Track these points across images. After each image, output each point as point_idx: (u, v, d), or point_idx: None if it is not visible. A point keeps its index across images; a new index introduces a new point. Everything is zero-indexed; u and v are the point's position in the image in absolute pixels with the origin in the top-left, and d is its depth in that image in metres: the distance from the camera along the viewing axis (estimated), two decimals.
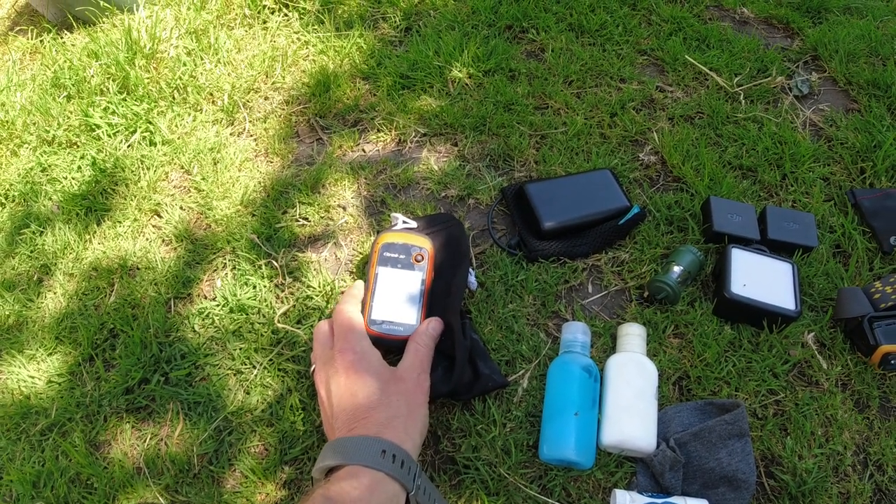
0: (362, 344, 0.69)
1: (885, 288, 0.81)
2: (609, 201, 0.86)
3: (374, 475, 0.56)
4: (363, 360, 0.67)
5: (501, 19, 1.16)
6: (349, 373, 0.65)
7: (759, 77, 1.08)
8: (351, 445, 0.59)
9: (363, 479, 0.56)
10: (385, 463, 0.57)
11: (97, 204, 1.00)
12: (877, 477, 0.71)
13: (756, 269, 0.81)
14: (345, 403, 0.64)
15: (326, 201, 0.94)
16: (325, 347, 0.70)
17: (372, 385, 0.64)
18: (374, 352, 0.68)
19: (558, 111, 1.03)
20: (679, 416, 0.71)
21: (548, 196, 0.85)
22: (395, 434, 0.60)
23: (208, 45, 1.20)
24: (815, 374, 0.77)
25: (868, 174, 0.95)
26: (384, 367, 0.67)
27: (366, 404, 0.63)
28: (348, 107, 1.06)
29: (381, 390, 0.64)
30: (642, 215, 0.86)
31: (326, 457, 0.59)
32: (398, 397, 0.64)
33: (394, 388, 0.65)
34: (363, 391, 0.64)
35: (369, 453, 0.57)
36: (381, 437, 0.59)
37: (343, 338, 0.69)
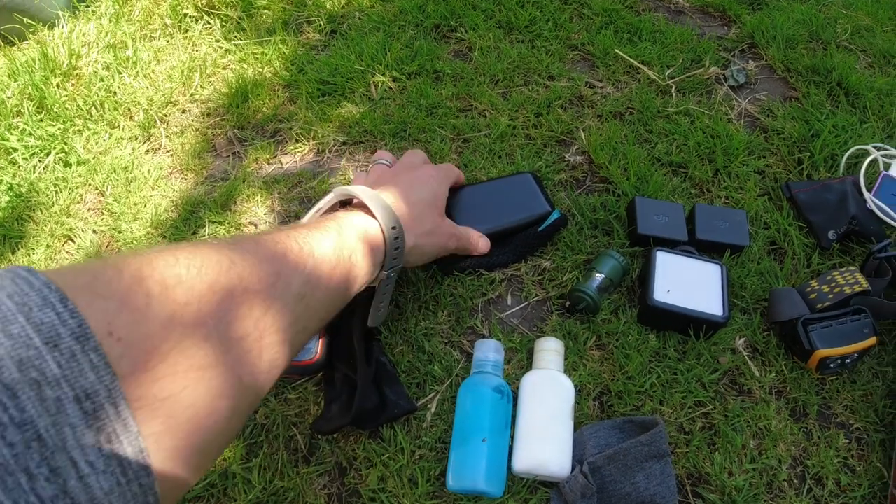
0: (447, 180, 0.74)
1: (821, 287, 0.77)
2: (529, 207, 0.81)
3: (378, 238, 0.59)
4: (441, 181, 0.72)
5: (429, 18, 1.12)
6: (423, 175, 0.70)
7: (693, 68, 1.03)
8: (377, 198, 0.60)
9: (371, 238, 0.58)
10: (391, 237, 0.59)
11: (12, 231, 0.95)
12: (816, 491, 0.67)
13: (682, 272, 0.76)
14: (398, 184, 0.67)
15: (238, 219, 0.89)
16: (417, 157, 0.76)
17: (427, 197, 0.68)
18: (446, 191, 0.73)
19: (483, 113, 0.98)
20: (595, 436, 0.66)
21: (465, 204, 0.80)
22: (408, 230, 0.63)
23: (126, 59, 1.15)
24: (747, 382, 0.73)
25: (805, 165, 0.91)
26: (443, 205, 0.71)
27: (411, 198, 0.66)
28: (267, 117, 1.01)
29: (429, 206, 0.68)
30: (563, 220, 0.81)
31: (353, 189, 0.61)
32: (433, 221, 0.68)
33: (436, 215, 0.69)
34: (419, 193, 0.67)
35: (386, 217, 0.59)
36: (398, 218, 0.61)
37: (443, 167, 0.76)
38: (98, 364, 0.29)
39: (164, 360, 0.32)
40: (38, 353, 0.27)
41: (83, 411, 0.28)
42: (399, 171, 0.70)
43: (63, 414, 0.27)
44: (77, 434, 0.27)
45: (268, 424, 0.71)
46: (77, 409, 0.28)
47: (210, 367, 0.35)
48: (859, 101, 1.01)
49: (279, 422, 0.71)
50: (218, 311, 0.37)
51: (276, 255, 0.46)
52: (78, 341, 0.28)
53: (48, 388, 0.27)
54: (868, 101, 1.00)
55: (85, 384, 0.28)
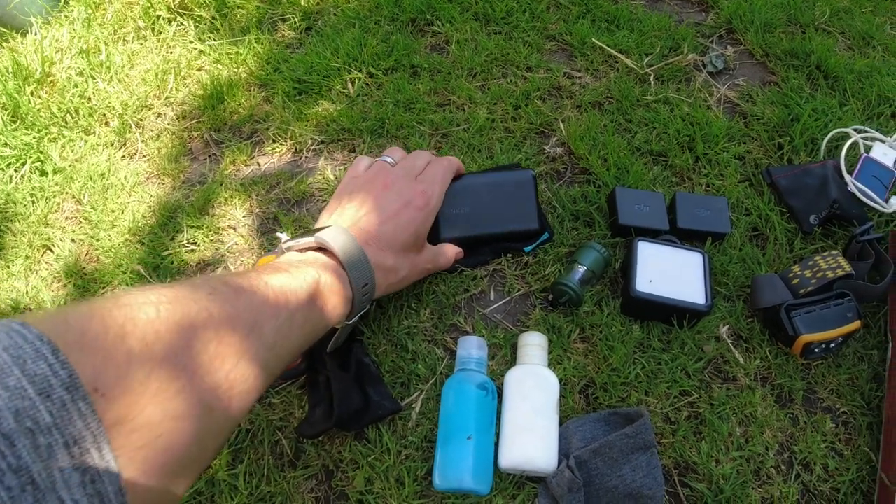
0: (440, 199, 0.72)
1: (803, 272, 0.77)
2: (520, 220, 0.78)
3: (347, 296, 0.60)
4: (428, 215, 0.70)
5: (405, 13, 1.11)
6: (412, 210, 0.68)
7: (672, 56, 1.03)
8: (358, 260, 0.60)
9: (343, 290, 0.59)
10: (359, 294, 0.61)
11: None
12: (804, 477, 0.67)
13: (664, 262, 0.76)
14: (383, 221, 0.66)
15: (216, 223, 0.88)
16: (421, 159, 0.74)
17: (409, 240, 0.67)
18: (434, 214, 0.71)
19: (461, 106, 0.97)
20: (581, 429, 0.66)
21: (455, 204, 0.78)
22: (381, 280, 0.64)
23: (100, 64, 1.13)
24: (732, 369, 0.73)
25: (786, 149, 0.91)
26: (425, 236, 0.71)
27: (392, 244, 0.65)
28: (243, 118, 1.00)
29: (409, 248, 0.68)
30: (549, 238, 0.80)
31: (333, 243, 0.60)
32: (409, 264, 0.68)
33: (413, 256, 0.69)
34: (402, 236, 0.66)
35: (361, 277, 0.60)
36: (373, 275, 0.62)
37: (439, 179, 0.73)
38: (86, 412, 0.32)
39: (142, 413, 0.35)
40: (33, 403, 0.30)
41: (70, 455, 0.31)
42: (388, 195, 0.68)
43: (53, 459, 0.30)
44: (65, 476, 0.31)
45: (252, 430, 0.70)
46: (66, 454, 0.31)
47: (184, 418, 0.38)
48: (839, 83, 1.00)
49: (264, 427, 0.70)
50: (192, 364, 0.40)
51: (254, 306, 0.48)
52: (68, 391, 0.31)
53: (41, 436, 0.30)
54: (847, 83, 1.00)
55: (73, 431, 0.31)
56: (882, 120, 0.97)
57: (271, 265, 0.56)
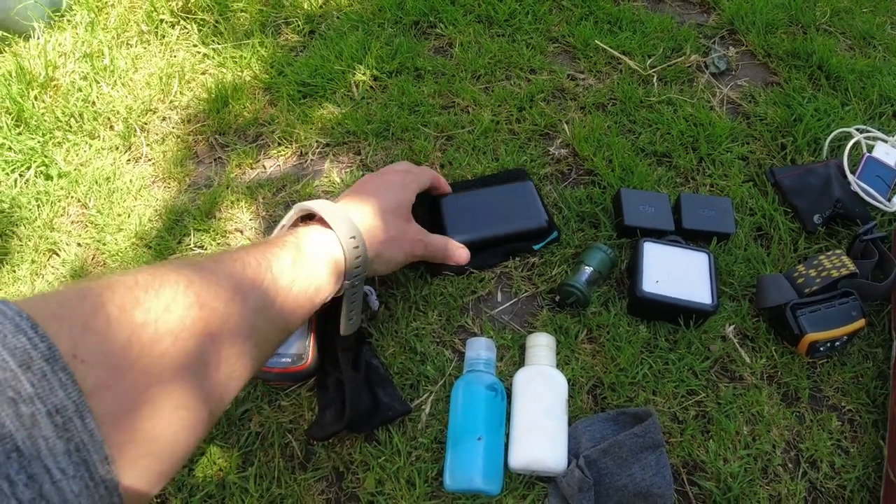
0: (414, 182, 0.73)
1: (808, 271, 0.78)
2: (526, 219, 0.80)
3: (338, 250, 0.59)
4: (403, 186, 0.71)
5: (408, 15, 1.11)
6: (387, 183, 0.69)
7: (674, 57, 1.03)
8: (335, 211, 0.61)
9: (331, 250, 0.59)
10: (350, 247, 0.60)
11: None
12: (811, 475, 0.68)
13: (670, 262, 0.76)
14: (364, 193, 0.67)
15: (223, 226, 0.88)
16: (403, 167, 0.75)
17: (390, 203, 0.67)
18: (413, 193, 0.72)
19: (466, 109, 0.97)
20: (590, 429, 0.67)
21: (461, 209, 0.80)
22: (370, 238, 0.63)
23: (104, 68, 1.13)
24: (739, 368, 0.73)
25: (789, 150, 0.91)
26: (409, 209, 0.70)
27: (372, 205, 0.66)
28: (248, 121, 1.00)
29: (392, 212, 0.67)
30: (558, 238, 0.81)
31: (312, 204, 0.61)
32: (396, 226, 0.67)
33: (401, 222, 0.68)
34: (381, 199, 0.67)
35: (344, 229, 0.60)
36: (359, 230, 0.61)
37: (414, 170, 0.75)
38: (66, 382, 0.32)
39: (125, 377, 0.36)
40: (14, 374, 0.31)
41: (54, 424, 0.31)
42: (368, 180, 0.71)
43: (37, 427, 0.31)
44: (49, 444, 0.31)
45: (263, 432, 0.71)
46: (49, 422, 0.31)
47: (168, 382, 0.39)
48: (840, 83, 1.01)
49: (274, 429, 0.70)
50: (175, 329, 0.40)
51: (234, 272, 0.48)
52: (48, 363, 0.32)
53: (23, 405, 0.31)
54: (849, 83, 1.01)
55: (55, 400, 0.32)
56: (884, 119, 0.98)
57: (254, 242, 0.58)
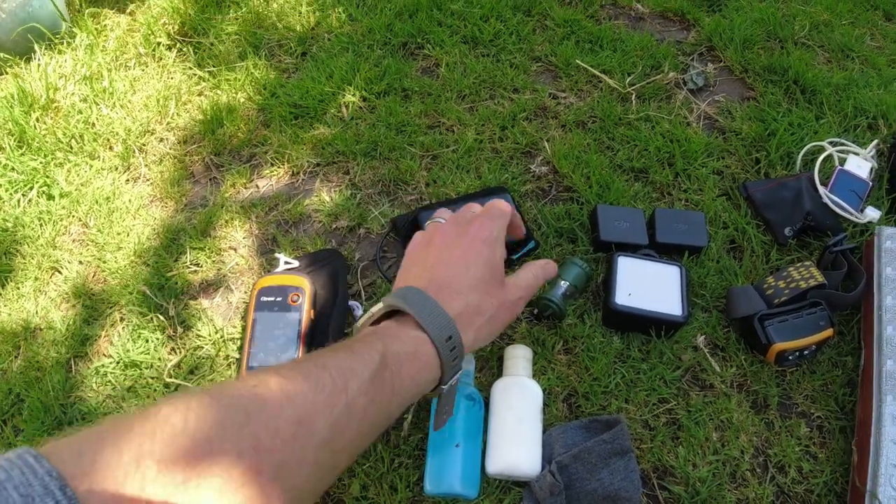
0: (501, 233, 0.63)
1: (777, 283, 0.81)
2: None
3: (430, 354, 0.53)
4: (493, 245, 0.62)
5: (396, 37, 1.15)
6: (475, 244, 0.61)
7: (653, 74, 1.07)
8: (430, 309, 0.54)
9: (422, 355, 0.53)
10: (445, 350, 0.54)
11: (1, 266, 0.98)
12: (779, 479, 0.71)
13: (643, 275, 0.80)
14: (449, 266, 0.60)
15: (218, 244, 0.92)
16: (469, 211, 0.66)
17: (485, 274, 0.59)
18: (503, 248, 0.64)
19: (451, 128, 1.01)
20: (563, 436, 0.70)
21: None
22: (466, 328, 0.56)
23: (103, 90, 1.18)
24: (709, 377, 0.76)
25: (763, 164, 0.94)
26: (501, 267, 0.62)
27: (465, 283, 0.58)
28: (242, 142, 1.04)
29: (488, 284, 0.59)
30: (536, 247, 0.84)
31: (401, 300, 0.55)
32: (493, 301, 0.60)
33: (497, 290, 0.60)
34: (475, 272, 0.59)
35: (439, 330, 0.54)
36: (453, 324, 0.55)
37: (490, 213, 0.64)
38: None
39: None
40: None
41: None
42: (448, 242, 0.62)
43: None
44: None
45: None
46: None
47: None
48: (816, 97, 1.04)
49: None
50: (219, 485, 0.36)
51: (302, 398, 0.43)
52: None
53: None
54: (825, 96, 1.04)
55: None
56: (858, 132, 1.00)
57: (335, 345, 0.52)
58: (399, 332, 0.53)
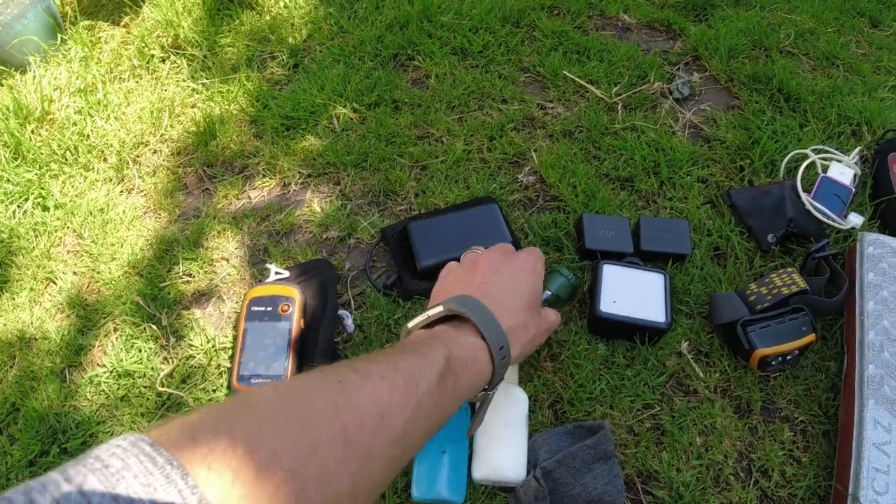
0: (542, 269, 0.71)
1: (760, 289, 0.82)
2: (491, 239, 0.84)
3: (485, 361, 0.57)
4: (538, 276, 0.69)
5: (387, 48, 1.17)
6: (522, 273, 0.68)
7: (639, 84, 1.08)
8: (489, 319, 0.59)
9: (478, 361, 0.57)
10: (499, 358, 0.58)
11: None
12: (762, 483, 0.72)
13: (627, 283, 0.81)
14: (499, 287, 0.65)
15: (210, 255, 0.94)
16: (509, 249, 0.73)
17: (529, 297, 0.66)
18: (542, 280, 0.71)
19: (440, 139, 1.03)
20: (547, 442, 0.71)
21: (430, 233, 0.85)
22: (514, 342, 0.62)
23: (97, 102, 1.19)
24: (693, 382, 0.77)
25: (747, 172, 0.96)
26: (539, 298, 0.69)
27: (515, 304, 0.64)
28: (235, 153, 1.06)
29: (531, 308, 0.66)
30: None
31: (463, 307, 0.59)
32: (535, 323, 0.66)
33: (537, 315, 0.67)
34: (522, 295, 0.66)
35: (496, 338, 0.58)
36: (507, 338, 0.60)
37: (533, 252, 0.72)
38: None
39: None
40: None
41: None
42: (497, 266, 0.68)
43: None
44: None
45: None
46: None
47: None
48: (800, 105, 1.06)
49: None
50: (317, 474, 0.39)
51: (382, 396, 0.46)
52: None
53: None
54: (808, 104, 1.05)
55: None
56: (843, 139, 1.02)
57: (401, 344, 0.56)
58: (459, 338, 0.57)
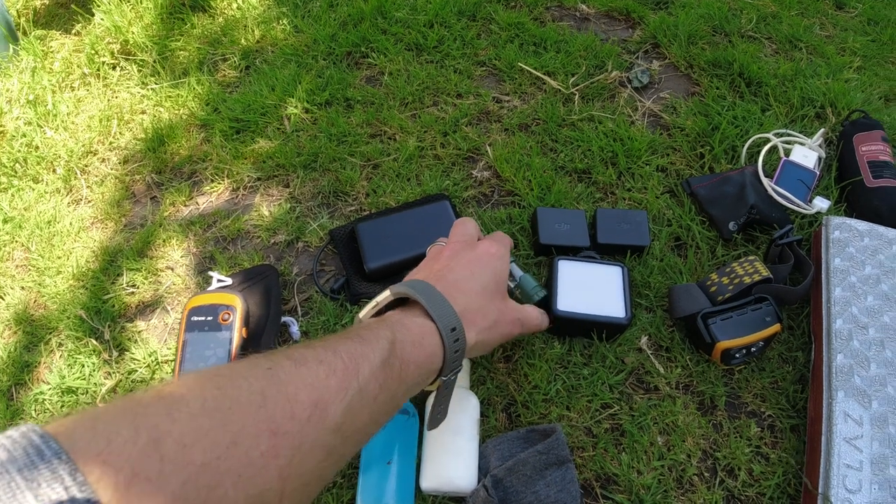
0: (507, 255, 0.67)
1: (721, 279, 0.79)
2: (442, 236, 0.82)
3: (435, 344, 0.54)
4: (501, 260, 0.65)
5: (340, 46, 1.13)
6: (483, 257, 0.64)
7: (597, 74, 1.06)
8: (438, 300, 0.56)
9: (428, 344, 0.54)
10: (450, 341, 0.55)
11: None
12: (728, 483, 0.68)
13: (584, 278, 0.78)
14: (456, 271, 0.62)
15: (155, 264, 0.90)
16: (472, 231, 0.69)
17: (489, 283, 0.62)
18: (508, 267, 0.67)
19: (393, 136, 0.99)
20: (499, 448, 0.68)
21: (378, 234, 0.82)
22: (469, 327, 0.58)
23: (47, 112, 1.16)
24: (653, 379, 0.74)
25: (707, 159, 0.93)
26: (504, 286, 0.66)
27: (472, 287, 0.61)
28: (184, 159, 1.03)
29: (492, 293, 0.62)
30: None
31: (410, 289, 0.56)
32: (496, 309, 0.62)
33: (498, 301, 0.63)
34: (480, 279, 0.62)
35: (446, 319, 0.55)
36: (460, 319, 0.56)
37: (500, 240, 0.68)
38: None
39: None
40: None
41: None
42: (457, 252, 0.64)
43: None
44: None
45: None
46: None
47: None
48: (762, 89, 1.03)
49: None
50: (238, 468, 0.35)
51: (317, 381, 0.43)
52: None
53: None
54: (770, 88, 1.02)
55: None
56: (806, 122, 0.99)
57: (343, 332, 0.52)
58: (406, 321, 0.54)
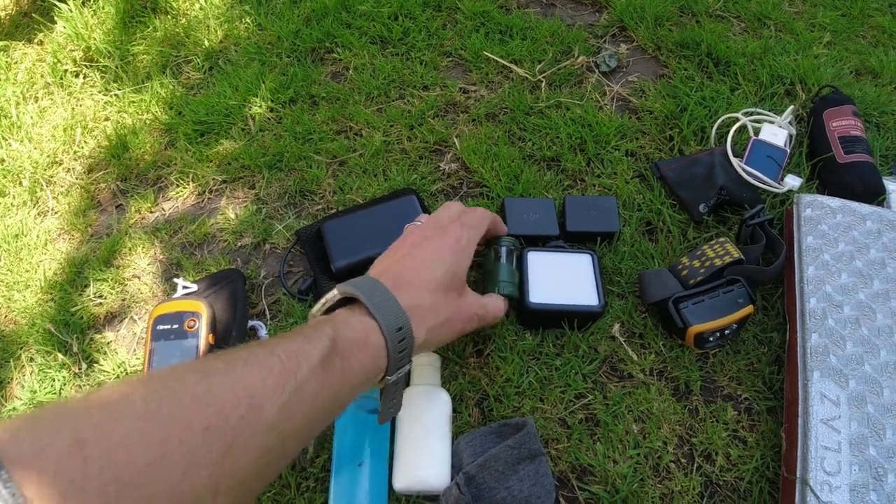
0: (472, 244, 0.66)
1: (692, 262, 0.78)
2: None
3: (379, 344, 0.53)
4: (459, 254, 0.63)
5: (304, 42, 1.12)
6: (442, 251, 0.62)
7: (563, 60, 1.04)
8: (381, 298, 0.55)
9: (371, 344, 0.53)
10: (394, 340, 0.53)
11: None
12: (706, 468, 0.68)
13: (555, 268, 0.77)
14: (411, 265, 0.61)
15: (121, 274, 0.89)
16: (448, 211, 0.68)
17: (444, 278, 0.61)
18: (469, 259, 0.65)
19: (359, 132, 0.98)
20: (471, 444, 0.67)
21: (345, 233, 0.80)
22: (418, 324, 0.56)
23: (11, 125, 1.14)
24: (627, 367, 0.74)
25: (676, 141, 0.92)
26: (463, 278, 0.64)
27: (425, 280, 0.59)
28: (149, 165, 1.01)
29: (446, 289, 0.61)
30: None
31: (354, 288, 0.55)
32: (449, 305, 0.61)
33: (454, 297, 0.62)
34: (435, 272, 0.60)
35: (389, 319, 0.54)
36: (405, 316, 0.55)
37: (468, 222, 0.67)
38: None
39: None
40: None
41: None
42: (420, 240, 0.63)
43: None
44: None
45: None
46: None
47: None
48: (730, 68, 1.02)
49: None
50: (169, 466, 0.35)
51: (253, 380, 0.42)
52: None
53: None
54: (739, 67, 1.02)
55: None
56: (776, 99, 0.99)
57: (286, 332, 0.51)
58: (350, 319, 0.53)
